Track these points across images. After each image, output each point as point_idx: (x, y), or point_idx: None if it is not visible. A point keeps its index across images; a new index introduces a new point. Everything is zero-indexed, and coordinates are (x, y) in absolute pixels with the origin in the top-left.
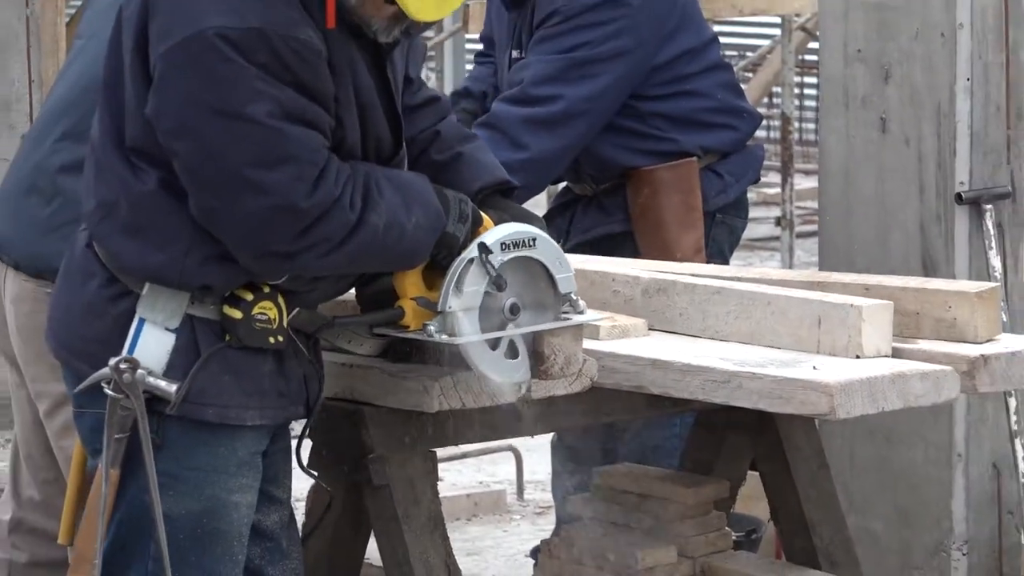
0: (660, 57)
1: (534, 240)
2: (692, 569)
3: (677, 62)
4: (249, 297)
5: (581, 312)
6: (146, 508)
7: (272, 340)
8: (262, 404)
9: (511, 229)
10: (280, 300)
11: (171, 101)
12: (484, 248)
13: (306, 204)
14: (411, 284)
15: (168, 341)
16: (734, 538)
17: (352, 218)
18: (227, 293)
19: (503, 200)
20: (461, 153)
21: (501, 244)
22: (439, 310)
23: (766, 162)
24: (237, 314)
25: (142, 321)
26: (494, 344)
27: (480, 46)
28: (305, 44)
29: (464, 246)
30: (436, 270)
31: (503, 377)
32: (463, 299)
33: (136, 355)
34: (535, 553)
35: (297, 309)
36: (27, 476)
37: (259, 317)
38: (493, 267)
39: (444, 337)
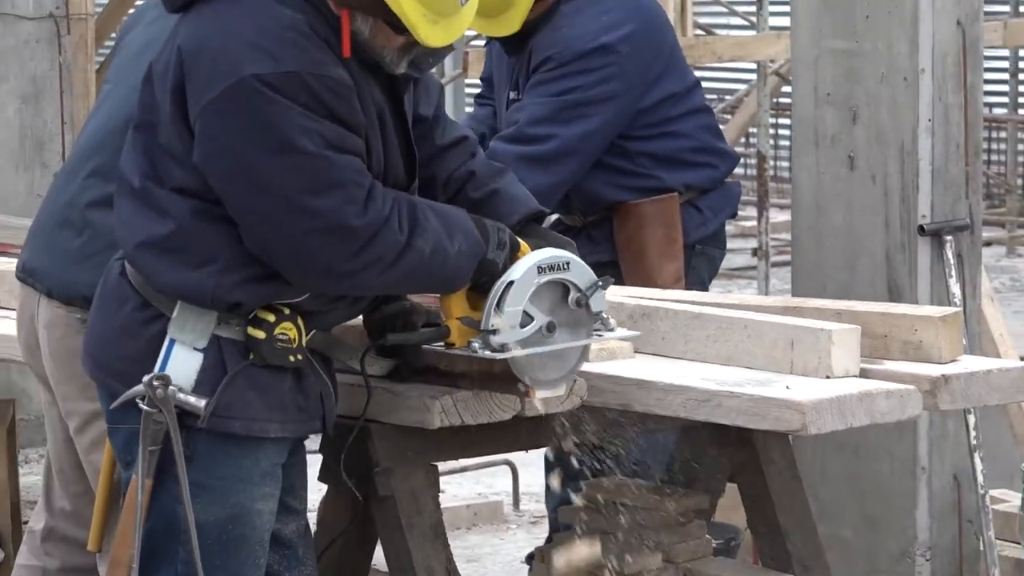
0: (646, 101)
1: (568, 264)
2: (675, 574)
3: (662, 105)
4: (272, 319)
5: (612, 329)
6: (175, 516)
7: (292, 359)
8: (284, 418)
9: (547, 254)
10: (299, 321)
11: (219, 147)
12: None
13: (358, 223)
14: (456, 305)
15: (196, 360)
16: (714, 545)
17: (402, 239)
18: (252, 314)
19: (538, 227)
20: (497, 190)
21: (538, 268)
22: (482, 328)
23: (744, 197)
24: (260, 334)
25: (172, 342)
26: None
27: (479, 89)
28: (338, 81)
29: (504, 270)
30: (479, 291)
31: (544, 380)
32: (504, 318)
33: (167, 373)
34: (530, 559)
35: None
36: (59, 489)
37: (280, 337)
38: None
39: (487, 353)
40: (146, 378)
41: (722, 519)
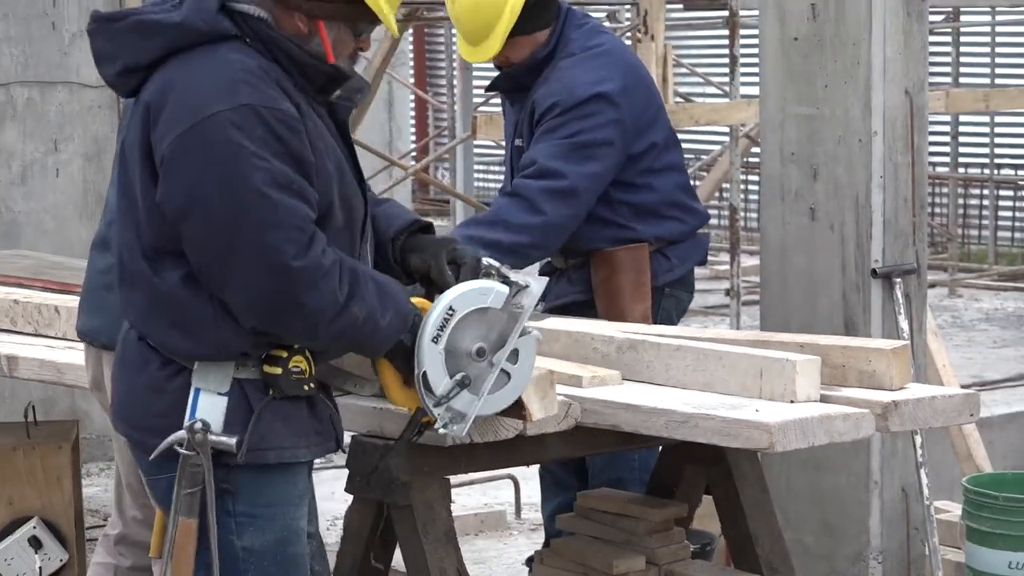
0: (637, 146)
1: (451, 310)
2: (657, 575)
3: (648, 154)
4: (284, 355)
5: (527, 285)
6: (232, 546)
7: (306, 388)
8: (308, 442)
9: (432, 321)
10: (307, 353)
11: (179, 182)
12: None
13: (296, 264)
14: (387, 371)
15: (222, 403)
16: (691, 549)
17: (340, 300)
18: (264, 354)
19: (423, 237)
20: (375, 214)
21: (433, 339)
22: (436, 428)
23: (717, 244)
24: (277, 370)
25: (198, 390)
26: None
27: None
28: (288, 114)
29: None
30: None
31: (506, 403)
32: (444, 409)
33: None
34: (530, 562)
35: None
36: (129, 500)
37: (294, 370)
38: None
39: (455, 430)
40: (187, 423)
41: (699, 527)
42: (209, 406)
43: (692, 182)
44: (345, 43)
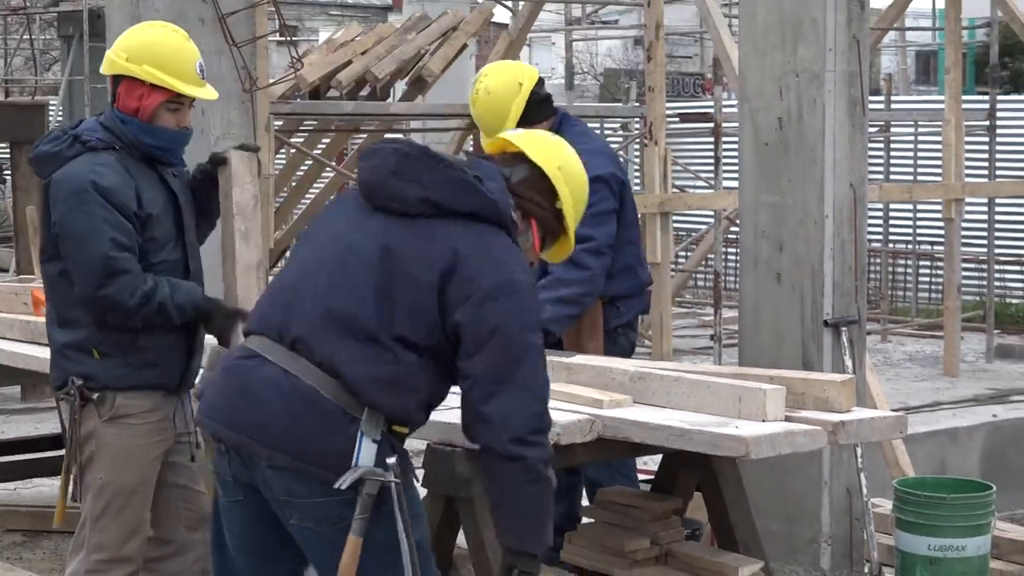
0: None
1: None
2: (659, 552)
3: (619, 223)
4: (406, 430)
5: None
6: (397, 541)
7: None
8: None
9: None
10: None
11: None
12: None
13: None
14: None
15: (373, 447)
16: (685, 533)
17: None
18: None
19: None
20: None
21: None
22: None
23: (705, 300)
24: (404, 429)
25: (362, 435)
26: None
27: None
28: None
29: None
30: None
31: None
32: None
33: (360, 459)
34: (561, 543)
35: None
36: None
37: (404, 431)
38: None
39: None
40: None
41: (691, 516)
42: (366, 448)
43: (685, 254)
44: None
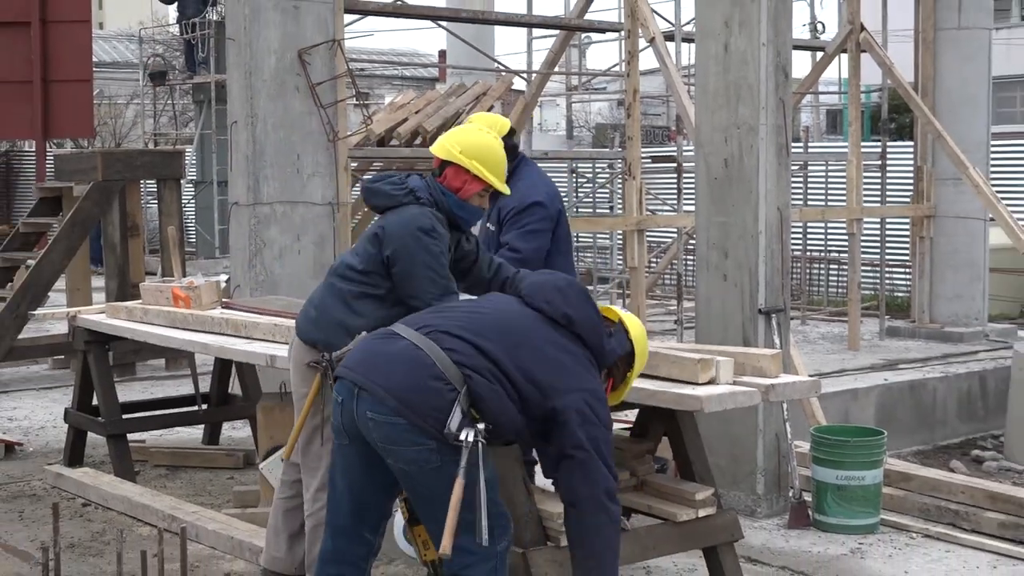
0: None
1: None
2: (637, 482)
3: (553, 239)
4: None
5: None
6: (478, 480)
7: None
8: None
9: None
10: None
11: None
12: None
13: None
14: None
15: (460, 416)
16: (656, 467)
17: None
18: None
19: None
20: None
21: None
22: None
23: (671, 294)
24: (479, 417)
25: (457, 404)
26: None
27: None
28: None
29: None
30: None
31: None
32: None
33: (452, 422)
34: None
35: None
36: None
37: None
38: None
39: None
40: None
41: (660, 454)
42: (457, 413)
43: (655, 260)
44: None
